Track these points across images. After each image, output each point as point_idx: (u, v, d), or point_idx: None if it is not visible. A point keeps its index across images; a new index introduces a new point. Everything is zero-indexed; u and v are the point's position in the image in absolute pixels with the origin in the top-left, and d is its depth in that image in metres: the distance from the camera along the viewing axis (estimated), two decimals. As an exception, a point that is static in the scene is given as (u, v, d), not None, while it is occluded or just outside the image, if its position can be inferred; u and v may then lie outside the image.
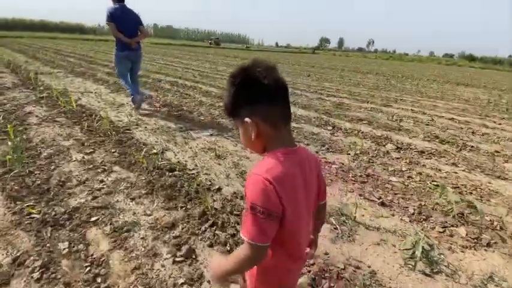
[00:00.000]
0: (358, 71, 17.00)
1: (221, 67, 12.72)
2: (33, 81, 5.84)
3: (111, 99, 4.99)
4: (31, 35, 30.91)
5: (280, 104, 0.70)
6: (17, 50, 13.32)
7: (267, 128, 0.68)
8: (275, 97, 0.68)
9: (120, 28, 3.73)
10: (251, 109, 0.68)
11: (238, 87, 0.68)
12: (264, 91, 0.66)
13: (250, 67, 0.67)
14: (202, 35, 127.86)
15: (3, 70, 7.30)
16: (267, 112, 0.68)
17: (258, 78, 0.65)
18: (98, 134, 3.19)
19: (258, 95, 0.67)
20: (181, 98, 5.57)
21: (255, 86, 0.66)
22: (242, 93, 0.69)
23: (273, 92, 0.67)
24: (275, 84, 0.67)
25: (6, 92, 5.03)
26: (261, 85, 0.65)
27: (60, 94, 4.82)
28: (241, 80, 0.68)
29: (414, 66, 31.24)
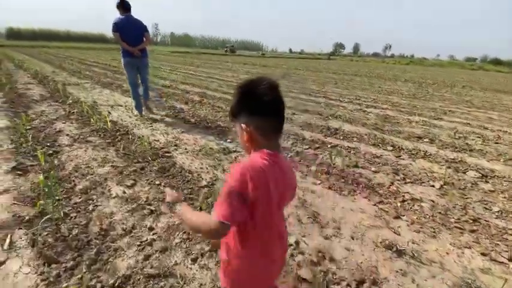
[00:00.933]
0: (384, 77, 16.24)
1: (243, 75, 12.38)
2: (62, 93, 5.64)
3: (145, 114, 4.66)
4: (56, 45, 32.09)
5: (274, 119, 0.80)
6: (44, 60, 13.58)
7: (258, 136, 0.79)
8: (271, 113, 0.79)
9: (124, 37, 3.93)
10: (248, 118, 0.79)
11: (242, 97, 0.79)
12: (262, 106, 0.77)
13: (256, 82, 0.77)
14: (217, 42, 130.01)
15: (30, 81, 7.22)
16: (261, 124, 0.78)
17: (259, 94, 0.76)
18: (136, 159, 2.80)
19: (256, 108, 0.77)
20: (215, 111, 5.17)
21: (255, 100, 0.77)
22: (244, 103, 0.79)
23: (270, 108, 0.78)
24: (273, 102, 0.78)
25: (35, 105, 4.81)
26: (261, 100, 0.76)
27: (90, 108, 4.54)
28: (246, 92, 0.79)
29: (437, 71, 29.88)
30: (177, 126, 4.08)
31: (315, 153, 3.28)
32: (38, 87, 6.51)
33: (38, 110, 4.53)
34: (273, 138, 0.81)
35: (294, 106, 6.00)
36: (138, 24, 4.06)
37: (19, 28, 54.48)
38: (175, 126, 4.10)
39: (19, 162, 2.53)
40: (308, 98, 7.19)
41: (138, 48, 4.02)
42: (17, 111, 4.34)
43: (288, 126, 4.40)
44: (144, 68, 4.33)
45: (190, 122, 4.36)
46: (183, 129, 3.99)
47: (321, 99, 7.17)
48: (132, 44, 3.98)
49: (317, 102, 6.78)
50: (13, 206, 1.90)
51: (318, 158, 3.13)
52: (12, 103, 4.87)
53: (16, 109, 4.50)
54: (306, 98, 7.30)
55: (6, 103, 4.85)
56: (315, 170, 2.82)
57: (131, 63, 4.11)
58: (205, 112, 5.02)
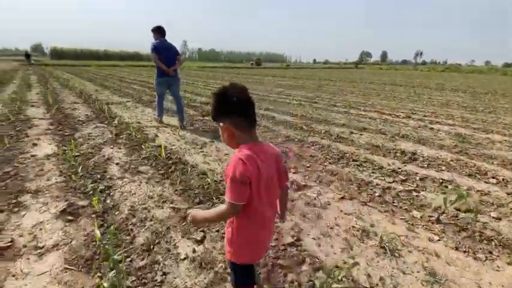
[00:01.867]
0: (427, 86, 14.99)
1: (276, 88, 11.97)
2: (107, 113, 5.53)
3: (191, 136, 4.32)
4: (96, 63, 34.32)
5: (247, 116, 0.98)
6: (86, 78, 14.22)
7: (237, 131, 0.98)
8: (242, 111, 0.97)
9: (160, 58, 4.45)
10: (225, 118, 0.98)
11: (218, 102, 0.98)
12: (235, 107, 0.95)
13: (228, 89, 0.96)
14: (242, 56, 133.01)
15: (76, 100, 7.32)
16: (236, 121, 0.97)
17: (231, 98, 0.94)
18: (197, 196, 2.37)
19: (230, 109, 0.96)
20: (261, 131, 4.72)
21: (229, 103, 0.95)
22: (220, 107, 0.98)
23: (242, 108, 0.96)
24: (244, 103, 0.96)
25: (81, 127, 4.68)
26: (233, 103, 0.95)
27: (137, 131, 4.29)
28: (221, 97, 0.96)
29: (480, 78, 27.40)
30: (230, 151, 3.66)
31: (408, 190, 2.65)
32: (83, 106, 6.53)
33: (85, 132, 4.36)
34: (249, 131, 1.00)
35: (347, 123, 5.39)
36: (172, 47, 4.62)
37: (62, 48, 59.44)
38: (227, 150, 3.68)
39: (69, 202, 2.20)
40: (358, 113, 6.54)
41: (172, 69, 4.57)
42: (65, 134, 4.20)
43: (353, 149, 3.81)
44: (176, 86, 4.83)
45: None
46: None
47: (373, 114, 6.48)
48: (167, 64, 4.51)
49: (370, 117, 6.11)
50: (64, 272, 1.51)
51: (416, 198, 2.51)
52: (59, 125, 4.79)
53: (63, 131, 4.38)
54: (356, 112, 6.65)
55: (53, 125, 4.78)
56: (420, 216, 2.20)
57: (164, 82, 4.69)
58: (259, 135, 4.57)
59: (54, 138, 4.03)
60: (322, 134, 4.59)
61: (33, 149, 3.56)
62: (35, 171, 2.82)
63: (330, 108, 7.12)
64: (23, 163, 3.04)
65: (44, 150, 3.51)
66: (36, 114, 5.54)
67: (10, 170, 2.81)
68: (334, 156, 3.51)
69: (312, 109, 6.94)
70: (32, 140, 3.88)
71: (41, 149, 3.56)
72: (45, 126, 4.64)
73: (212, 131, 4.60)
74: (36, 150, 3.48)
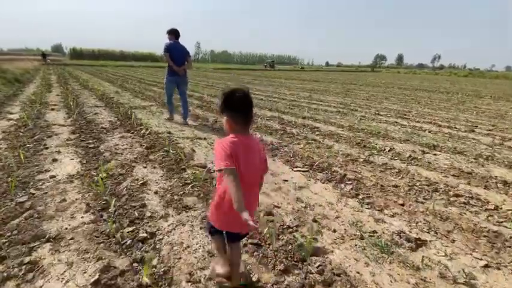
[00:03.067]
0: (465, 92, 13.82)
1: (303, 93, 11.23)
2: (133, 120, 4.95)
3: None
4: (114, 63, 34.53)
5: (245, 114, 1.22)
6: (105, 79, 13.90)
7: (234, 125, 1.23)
8: (241, 110, 1.22)
9: (172, 58, 4.71)
10: (228, 113, 1.23)
11: (225, 99, 1.21)
12: (236, 106, 1.21)
13: (234, 91, 1.20)
14: (254, 58, 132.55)
15: (97, 104, 6.82)
16: (236, 117, 1.22)
17: (234, 99, 1.20)
18: (279, 261, 1.68)
19: (232, 107, 1.21)
20: (308, 144, 4.01)
21: (232, 102, 1.20)
22: (225, 104, 1.22)
23: (242, 107, 1.21)
24: (244, 103, 1.20)
25: (106, 136, 4.10)
26: (235, 103, 1.20)
27: (170, 144, 3.67)
28: (227, 96, 1.21)
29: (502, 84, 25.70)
30: (285, 175, 2.96)
31: None
32: (105, 111, 6.00)
33: (111, 143, 3.77)
34: (243, 127, 1.23)
35: (408, 138, 4.59)
36: (183, 49, 4.85)
37: (81, 48, 60.59)
38: (283, 174, 2.99)
39: (104, 265, 1.54)
40: (411, 124, 5.72)
41: (182, 68, 4.83)
42: (88, 146, 3.61)
43: (440, 177, 3.03)
44: (184, 85, 5.11)
45: (297, 167, 3.23)
46: (297, 182, 2.85)
47: (428, 126, 5.65)
48: (178, 64, 4.77)
49: (429, 130, 5.28)
50: None
51: None
52: (81, 133, 4.23)
53: (87, 142, 3.80)
54: (408, 123, 5.84)
55: (75, 133, 4.22)
56: None
57: (173, 80, 4.96)
58: (305, 150, 3.87)
59: (77, 151, 3.44)
60: (387, 152, 3.84)
61: (53, 165, 2.97)
62: (55, 203, 2.20)
63: (375, 118, 6.33)
64: (40, 188, 2.44)
65: (66, 168, 2.91)
66: (57, 120, 5.01)
67: (25, 201, 2.20)
68: (425, 188, 2.75)
69: (356, 118, 6.17)
70: (51, 154, 3.30)
71: (62, 166, 2.96)
72: (66, 135, 4.08)
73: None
74: (56, 168, 2.89)
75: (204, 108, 6.84)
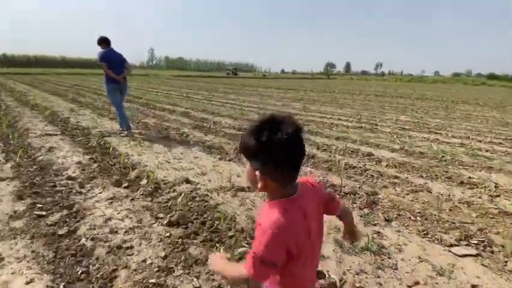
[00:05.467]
0: (438, 99, 14.23)
1: (293, 103, 10.22)
2: (114, 159, 3.26)
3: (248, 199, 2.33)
4: (55, 71, 29.96)
5: (293, 173, 0.72)
6: (49, 91, 11.18)
7: (274, 184, 0.71)
8: (291, 167, 0.70)
9: (110, 66, 4.50)
10: (264, 167, 0.69)
11: (260, 145, 0.67)
12: (283, 161, 0.67)
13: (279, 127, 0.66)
14: (212, 65, 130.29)
15: (49, 130, 4.81)
16: (279, 176, 0.70)
17: (281, 147, 0.65)
18: None
19: (275, 161, 0.67)
20: (393, 184, 2.87)
21: (276, 153, 0.66)
22: (262, 152, 0.68)
23: (291, 162, 0.69)
24: (295, 154, 0.69)
25: (81, 200, 2.42)
26: (282, 154, 0.66)
27: (193, 202, 2.19)
28: (265, 141, 0.66)
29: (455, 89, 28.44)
30: (457, 272, 1.74)
31: None
32: (64, 142, 4.13)
33: (98, 221, 2.13)
34: (290, 185, 0.75)
35: (467, 161, 3.72)
36: (119, 56, 4.68)
37: (13, 55, 52.26)
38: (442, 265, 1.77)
39: None
40: (442, 140, 4.96)
41: (121, 76, 4.61)
42: (56, 234, 1.94)
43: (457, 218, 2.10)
44: (125, 92, 4.95)
45: (451, 244, 2.02)
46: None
47: (459, 140, 4.95)
48: (116, 72, 4.54)
49: (466, 146, 4.55)
50: None
51: None
52: (34, 195, 2.47)
53: (48, 218, 2.11)
54: (434, 137, 5.09)
55: (23, 197, 2.44)
56: None
57: (116, 88, 4.67)
58: (409, 199, 2.69)
59: (35, 252, 1.77)
60: (477, 185, 2.86)
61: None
62: None
63: (412, 134, 5.47)
64: None
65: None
66: (-16, 168, 3.09)
67: None
68: None
69: (389, 135, 5.25)
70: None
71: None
72: (7, 206, 2.30)
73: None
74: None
75: (205, 129, 5.32)
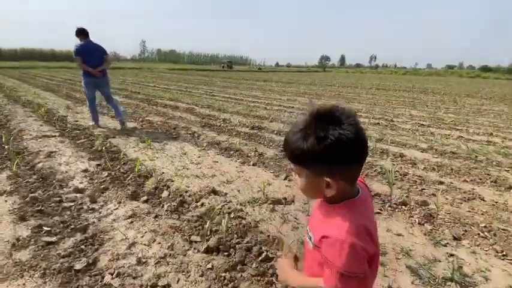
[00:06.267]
0: (427, 91, 14.08)
1: (299, 98, 9.86)
2: (126, 166, 2.88)
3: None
4: (44, 65, 28.85)
5: (361, 164, 0.66)
6: (42, 87, 10.55)
7: (344, 185, 0.64)
8: (362, 158, 0.64)
9: (86, 60, 4.28)
10: (334, 168, 0.61)
11: (325, 146, 0.58)
12: (355, 153, 0.61)
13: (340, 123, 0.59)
14: (205, 58, 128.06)
15: (46, 131, 4.36)
16: (350, 172, 0.64)
17: (351, 142, 0.58)
18: None
19: (348, 156, 0.60)
20: (445, 192, 2.57)
21: (347, 149, 0.59)
22: (329, 153, 0.59)
23: (362, 153, 0.63)
24: (364, 145, 0.63)
25: (95, 219, 2.05)
26: (354, 147, 0.60)
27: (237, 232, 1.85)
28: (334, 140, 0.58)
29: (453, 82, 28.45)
30: None
31: None
32: (64, 146, 3.71)
33: (121, 249, 1.77)
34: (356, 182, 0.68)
35: None
36: (98, 48, 4.45)
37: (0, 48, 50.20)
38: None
39: None
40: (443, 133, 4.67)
41: (98, 70, 4.38)
42: (73, 269, 1.58)
43: None
44: (105, 86, 4.63)
45: None
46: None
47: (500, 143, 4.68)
48: (93, 66, 4.33)
49: (474, 139, 4.30)
50: None
51: None
52: (38, 214, 2.09)
53: (59, 247, 1.74)
54: (444, 133, 4.81)
55: (25, 217, 2.06)
56: None
57: (92, 83, 4.47)
58: (472, 211, 2.39)
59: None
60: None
61: None
62: None
63: (425, 130, 5.20)
64: None
65: None
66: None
67: None
68: None
69: (411, 132, 4.95)
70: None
71: None
72: (9, 231, 1.92)
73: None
74: None
75: (215, 128, 4.93)
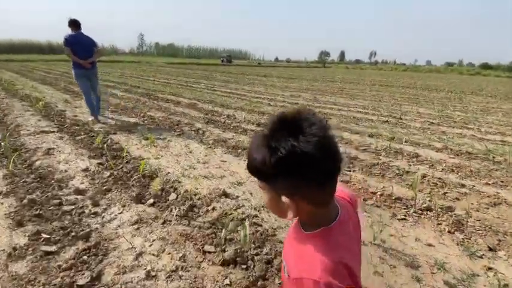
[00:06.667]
0: (430, 88, 13.91)
1: (304, 94, 9.69)
2: (130, 165, 2.71)
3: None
4: (42, 58, 28.39)
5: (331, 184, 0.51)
6: (40, 80, 10.29)
7: (310, 207, 0.52)
8: (329, 176, 0.50)
9: (75, 51, 4.29)
10: (293, 187, 0.49)
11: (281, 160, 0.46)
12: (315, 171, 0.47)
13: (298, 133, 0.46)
14: (204, 52, 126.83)
15: (43, 126, 4.19)
16: (315, 194, 0.50)
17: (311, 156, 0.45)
18: None
19: (307, 175, 0.47)
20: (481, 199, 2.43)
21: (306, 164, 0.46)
22: (281, 168, 0.47)
23: (329, 171, 0.49)
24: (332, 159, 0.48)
25: (103, 233, 1.90)
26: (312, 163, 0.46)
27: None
28: (285, 153, 0.45)
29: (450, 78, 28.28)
30: None
31: None
32: (63, 142, 3.54)
33: (128, 261, 1.62)
34: (330, 202, 0.55)
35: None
36: (88, 39, 4.47)
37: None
38: None
39: None
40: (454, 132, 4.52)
41: (88, 61, 4.40)
42: None
43: None
44: (94, 78, 4.68)
45: None
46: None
47: None
48: (83, 57, 4.35)
49: (488, 139, 4.16)
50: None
51: None
52: (38, 218, 1.94)
53: (66, 275, 1.59)
54: (456, 132, 4.66)
55: (22, 222, 1.90)
56: None
57: (82, 74, 4.47)
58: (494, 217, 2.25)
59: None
60: None
61: None
62: None
63: (435, 129, 5.05)
64: None
65: None
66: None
67: None
68: None
69: (422, 131, 4.80)
70: None
71: None
72: (5, 238, 1.76)
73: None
74: None
75: (220, 124, 4.75)
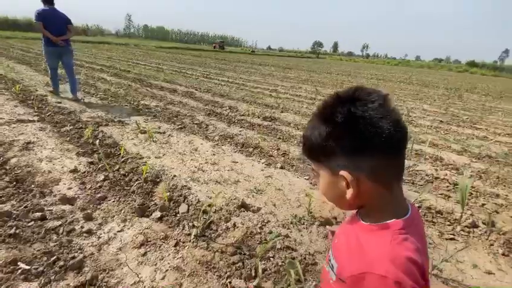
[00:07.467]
0: (427, 85, 13.84)
1: (305, 86, 9.28)
2: (126, 164, 2.26)
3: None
4: (23, 35, 26.44)
5: (397, 155, 0.47)
6: (17, 59, 9.35)
7: (374, 187, 0.47)
8: (394, 147, 0.46)
9: (48, 27, 4.19)
10: (353, 160, 0.46)
11: (339, 127, 0.46)
12: (379, 137, 0.44)
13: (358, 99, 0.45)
14: (195, 37, 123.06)
15: (22, 114, 3.61)
16: (378, 166, 0.46)
17: (372, 119, 0.44)
18: None
19: (368, 142, 0.44)
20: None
21: (366, 129, 0.44)
22: (344, 137, 0.46)
23: (391, 138, 0.44)
24: (394, 127, 0.44)
25: (87, 242, 1.48)
26: (376, 129, 0.43)
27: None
28: (346, 116, 0.45)
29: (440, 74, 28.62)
30: None
31: None
32: (44, 134, 3.01)
33: None
34: (396, 186, 0.49)
35: None
36: (62, 16, 4.37)
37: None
38: None
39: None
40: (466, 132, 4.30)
41: (61, 39, 4.30)
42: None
43: None
44: (68, 57, 4.57)
45: None
46: None
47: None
48: (55, 34, 4.25)
49: (500, 141, 3.96)
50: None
51: None
52: (13, 243, 1.49)
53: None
54: (467, 132, 4.44)
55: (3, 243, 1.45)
56: None
57: (53, 52, 4.40)
58: None
59: None
60: None
61: None
62: None
63: (446, 128, 4.80)
64: None
65: None
66: None
67: None
68: None
69: (434, 130, 4.53)
70: None
71: None
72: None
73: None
74: None
75: (223, 117, 4.30)
